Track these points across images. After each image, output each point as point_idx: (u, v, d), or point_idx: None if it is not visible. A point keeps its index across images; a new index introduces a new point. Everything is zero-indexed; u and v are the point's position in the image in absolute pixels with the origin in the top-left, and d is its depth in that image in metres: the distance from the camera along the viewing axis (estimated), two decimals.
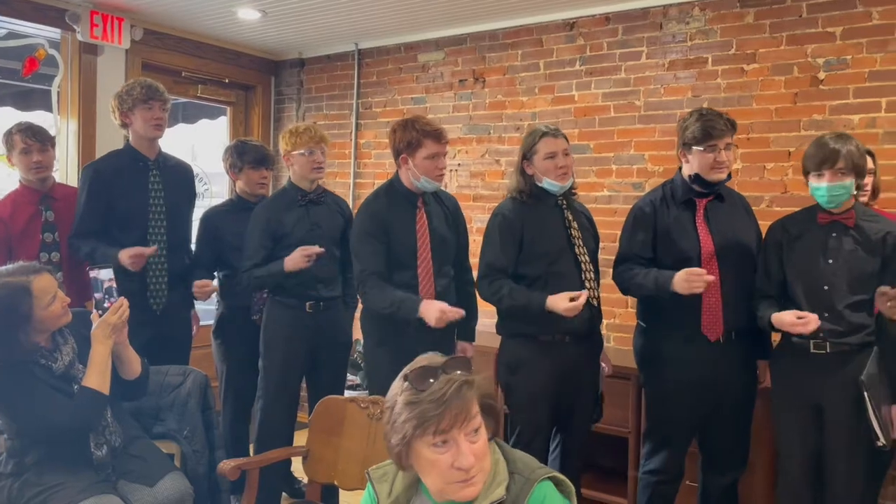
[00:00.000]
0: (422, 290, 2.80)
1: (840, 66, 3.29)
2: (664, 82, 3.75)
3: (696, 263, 2.63)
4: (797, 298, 2.49)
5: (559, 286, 2.66)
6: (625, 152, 3.89)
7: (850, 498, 2.49)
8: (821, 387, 2.45)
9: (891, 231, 2.47)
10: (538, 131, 2.77)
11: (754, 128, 3.50)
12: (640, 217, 2.75)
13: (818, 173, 2.44)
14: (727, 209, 2.74)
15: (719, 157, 2.62)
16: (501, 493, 1.29)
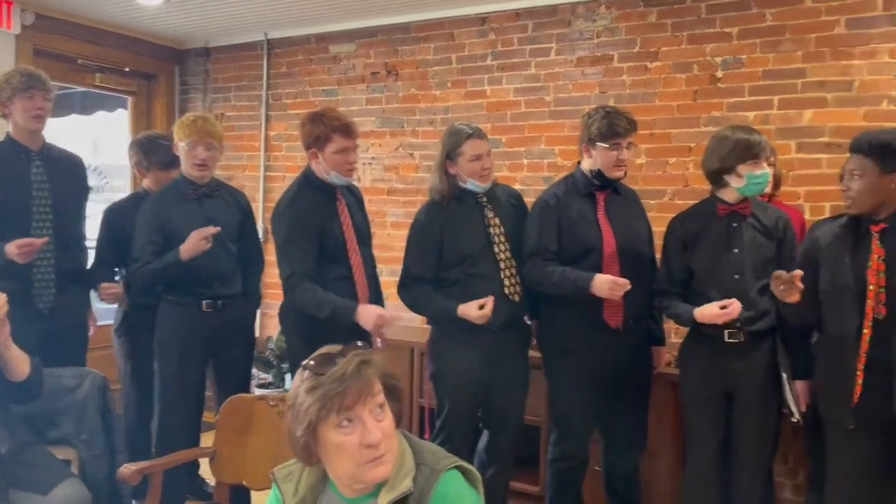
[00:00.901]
0: (357, 283, 2.78)
1: (736, 66, 3.45)
2: (572, 78, 3.83)
3: (599, 254, 2.73)
4: (708, 291, 2.57)
5: (478, 287, 2.73)
6: (536, 147, 3.95)
7: (758, 478, 2.62)
8: (732, 374, 2.55)
9: (781, 216, 2.63)
10: (463, 132, 2.77)
11: (657, 124, 3.62)
12: (546, 210, 2.80)
13: (755, 162, 2.53)
14: (623, 202, 2.85)
15: (622, 155, 2.72)
16: (408, 486, 1.29)
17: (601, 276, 2.61)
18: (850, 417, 2.26)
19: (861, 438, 2.28)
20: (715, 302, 2.48)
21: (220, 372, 3.11)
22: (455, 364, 2.78)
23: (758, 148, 2.51)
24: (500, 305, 2.71)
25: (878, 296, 2.21)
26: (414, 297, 2.82)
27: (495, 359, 2.79)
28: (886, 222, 2.23)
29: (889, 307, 2.20)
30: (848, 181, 2.27)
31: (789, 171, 3.29)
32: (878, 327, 2.21)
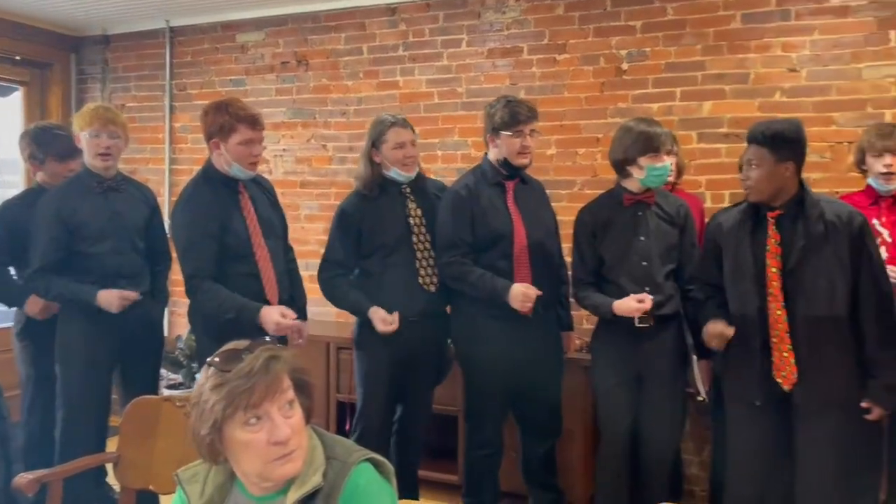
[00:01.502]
0: (264, 279, 2.72)
1: (640, 58, 3.55)
2: (484, 70, 3.86)
3: (510, 242, 2.79)
4: (618, 278, 2.64)
5: (393, 277, 2.79)
6: (449, 138, 3.96)
7: (667, 457, 2.72)
8: (643, 357, 2.63)
9: (682, 204, 2.74)
10: (387, 121, 2.82)
11: (566, 115, 3.69)
12: (458, 201, 2.83)
13: (655, 155, 2.60)
14: (530, 192, 2.92)
15: (525, 142, 2.77)
16: (318, 481, 1.26)
17: (517, 286, 2.68)
18: (754, 394, 2.37)
19: (761, 416, 2.38)
20: (632, 296, 2.56)
21: (127, 374, 2.98)
22: (373, 355, 2.82)
23: (658, 141, 2.59)
24: (415, 295, 2.75)
25: (778, 277, 2.31)
26: (330, 285, 2.86)
27: (414, 350, 2.81)
28: (782, 209, 2.34)
29: (786, 288, 2.31)
30: (746, 170, 2.36)
31: (691, 161, 3.41)
32: (778, 308, 2.31)
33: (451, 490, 3.34)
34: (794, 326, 2.29)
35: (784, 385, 2.32)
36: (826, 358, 2.28)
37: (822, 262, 2.28)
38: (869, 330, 2.28)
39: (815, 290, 2.27)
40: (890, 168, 2.71)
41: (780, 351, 2.32)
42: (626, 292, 2.60)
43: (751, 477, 2.43)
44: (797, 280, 2.29)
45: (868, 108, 3.19)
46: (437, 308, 2.89)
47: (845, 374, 2.30)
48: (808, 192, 2.34)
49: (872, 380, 2.28)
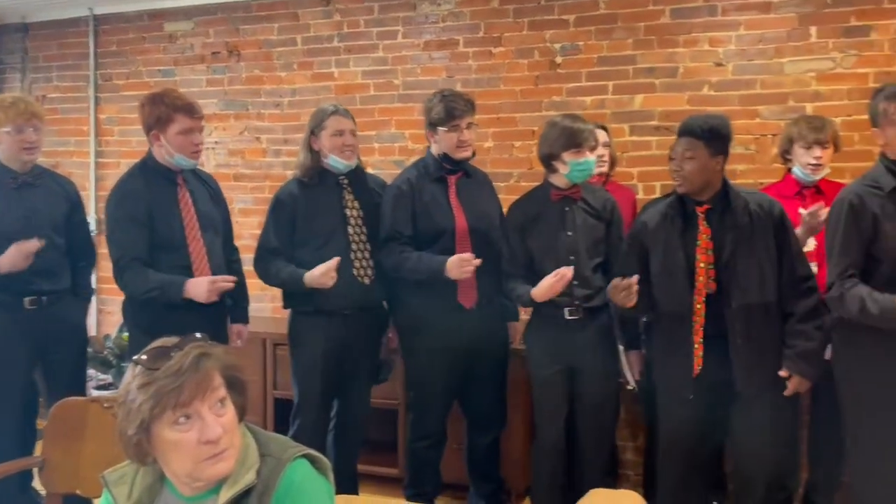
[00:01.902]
0: (196, 272, 2.66)
1: (574, 52, 3.60)
2: (420, 62, 3.85)
3: (451, 236, 2.79)
4: (546, 272, 2.64)
5: None
6: (386, 131, 3.94)
7: (602, 445, 2.77)
8: (574, 349, 2.67)
9: (608, 199, 2.78)
10: (327, 109, 2.82)
11: (503, 108, 3.71)
12: (399, 195, 2.83)
13: (578, 150, 2.62)
14: (474, 185, 2.92)
15: (462, 136, 2.78)
16: (252, 479, 1.24)
17: (452, 257, 2.66)
18: (688, 388, 2.43)
19: (692, 406, 2.44)
20: (550, 276, 2.56)
21: (50, 374, 2.87)
22: (308, 349, 2.79)
23: (580, 136, 2.62)
24: (349, 287, 2.72)
25: (707, 272, 2.38)
26: (264, 267, 2.82)
27: (349, 343, 2.79)
28: (710, 203, 2.40)
29: (719, 282, 2.37)
30: (680, 162, 2.40)
31: (623, 153, 3.48)
32: (710, 302, 2.38)
33: (392, 483, 3.34)
34: (731, 318, 2.36)
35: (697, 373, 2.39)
36: (761, 344, 2.37)
37: (751, 251, 2.36)
38: (794, 305, 2.38)
39: (748, 279, 2.35)
40: (819, 160, 2.81)
41: (703, 344, 2.39)
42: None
43: (680, 464, 2.51)
44: (731, 272, 2.36)
45: (790, 102, 3.31)
46: (373, 301, 2.87)
47: (777, 357, 2.38)
48: (730, 186, 2.42)
49: (789, 349, 2.36)
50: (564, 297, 2.64)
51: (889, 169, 2.26)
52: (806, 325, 2.36)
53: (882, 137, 2.27)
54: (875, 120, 2.29)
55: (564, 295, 2.63)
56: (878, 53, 3.19)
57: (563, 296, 2.63)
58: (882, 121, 2.25)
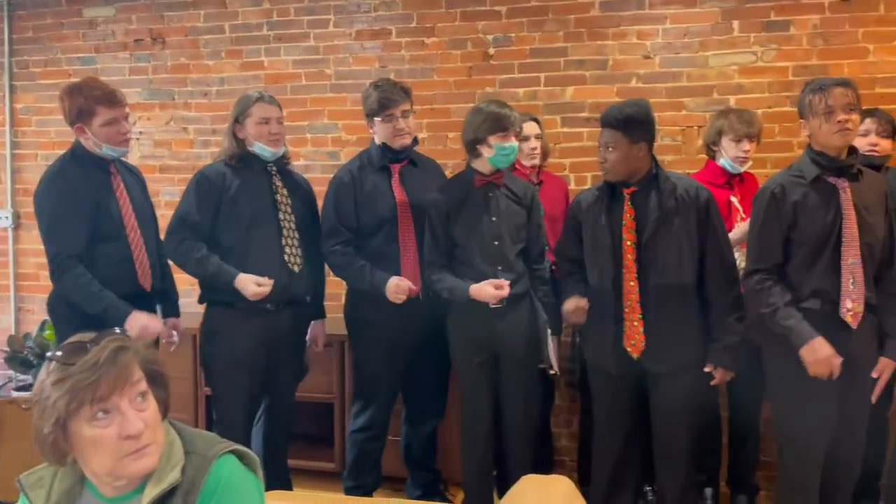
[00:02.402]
0: (137, 263, 2.60)
1: (506, 43, 3.61)
2: (352, 52, 3.80)
3: (393, 225, 2.80)
4: (471, 258, 2.69)
5: (256, 253, 2.67)
6: (319, 121, 3.88)
7: (527, 432, 2.78)
8: (497, 336, 2.68)
9: (528, 187, 2.81)
10: (252, 96, 2.75)
11: (436, 99, 3.71)
12: (341, 187, 2.82)
13: (504, 134, 2.64)
14: (420, 173, 2.90)
15: (398, 125, 2.78)
16: (176, 477, 1.20)
17: (391, 281, 2.69)
18: (610, 363, 2.50)
19: (618, 384, 2.52)
20: (490, 281, 2.59)
21: None
22: (229, 346, 2.68)
23: (507, 121, 2.64)
24: (279, 273, 2.66)
25: (633, 251, 2.45)
26: (178, 242, 2.66)
27: (275, 336, 2.72)
28: (637, 185, 2.47)
29: (642, 260, 2.45)
30: (603, 153, 2.48)
31: (556, 144, 3.52)
32: (632, 279, 2.45)
33: (328, 477, 3.31)
34: (645, 295, 2.43)
35: (633, 353, 2.46)
36: (675, 324, 2.44)
37: (672, 233, 2.43)
38: (714, 297, 2.46)
39: (666, 260, 2.43)
40: (748, 154, 2.91)
41: (630, 320, 2.45)
42: (479, 272, 2.64)
43: (613, 444, 2.57)
44: (650, 251, 2.43)
45: (715, 94, 3.41)
46: (302, 289, 2.80)
47: (692, 340, 2.47)
48: (661, 169, 2.48)
49: (714, 343, 2.45)
50: None
51: (813, 159, 2.36)
52: (729, 318, 2.45)
53: (807, 128, 2.36)
54: (802, 111, 2.38)
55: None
56: (796, 48, 3.31)
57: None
58: (808, 112, 2.34)
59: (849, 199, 2.30)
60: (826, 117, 2.27)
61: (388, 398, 2.92)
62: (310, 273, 2.81)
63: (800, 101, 2.39)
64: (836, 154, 2.32)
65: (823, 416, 2.33)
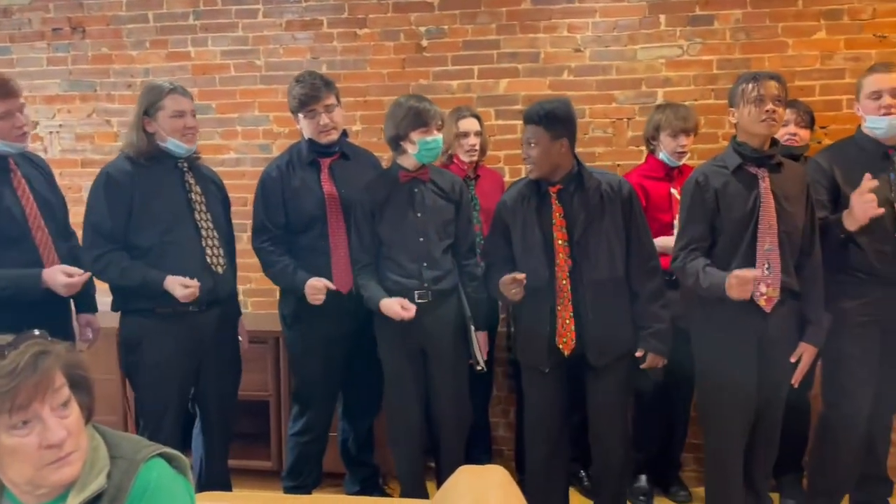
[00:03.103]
0: (46, 263, 2.45)
1: (439, 35, 3.61)
2: (283, 42, 3.73)
3: (322, 221, 2.74)
4: (396, 255, 2.67)
5: (177, 256, 2.54)
6: (249, 113, 3.80)
7: (460, 427, 2.79)
8: (423, 331, 2.67)
9: (456, 181, 2.79)
10: (163, 87, 2.58)
11: (370, 91, 3.67)
12: (269, 183, 2.76)
13: (425, 129, 2.63)
14: (353, 166, 2.85)
15: (322, 121, 2.72)
16: (101, 483, 1.16)
17: (308, 283, 2.64)
18: (543, 361, 2.53)
19: (550, 379, 2.55)
20: (397, 300, 2.58)
21: None
22: (158, 347, 2.56)
23: (427, 115, 2.62)
24: (202, 277, 2.56)
25: (564, 249, 2.48)
26: (106, 262, 2.51)
27: (202, 339, 2.61)
28: (562, 183, 2.50)
29: (573, 258, 2.48)
30: (526, 149, 2.49)
31: (491, 137, 3.53)
32: (565, 276, 2.48)
33: (267, 476, 3.26)
34: (579, 292, 2.47)
35: (564, 350, 2.49)
36: (611, 317, 2.49)
37: (602, 229, 2.47)
38: (639, 287, 2.52)
39: (598, 255, 2.47)
40: (684, 148, 3.00)
41: (563, 318, 2.48)
42: (404, 269, 2.64)
43: (545, 437, 2.60)
44: (583, 248, 2.47)
45: (643, 87, 3.48)
46: (228, 289, 2.72)
47: (628, 331, 2.53)
48: (583, 166, 2.52)
49: (644, 330, 2.51)
50: (413, 279, 2.66)
51: (736, 150, 2.44)
52: (654, 306, 2.51)
53: (736, 116, 2.44)
54: (732, 100, 2.46)
55: (413, 278, 2.65)
56: (720, 42, 3.41)
57: (411, 278, 2.65)
58: (739, 100, 2.41)
59: (767, 188, 2.39)
60: (756, 105, 2.35)
61: (328, 399, 2.89)
62: (232, 272, 2.74)
63: (731, 91, 2.47)
64: (758, 145, 2.41)
65: (744, 395, 2.41)
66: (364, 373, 2.90)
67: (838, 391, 2.59)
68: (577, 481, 3.24)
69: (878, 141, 2.56)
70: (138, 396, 2.69)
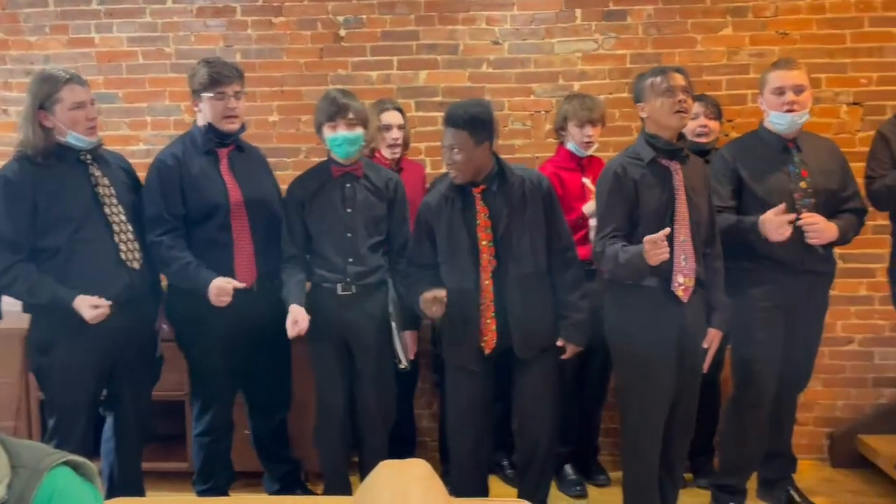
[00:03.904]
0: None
1: (357, 25, 3.56)
2: (194, 30, 3.60)
3: (224, 212, 2.65)
4: (323, 249, 2.64)
5: (88, 255, 2.42)
6: (159, 102, 3.66)
7: (383, 422, 2.78)
8: (347, 324, 2.66)
9: (391, 177, 2.77)
10: (59, 77, 2.41)
11: (287, 81, 3.59)
12: (165, 171, 2.64)
13: (333, 123, 2.59)
14: (247, 159, 2.78)
15: (230, 104, 2.63)
16: (2, 494, 1.09)
17: (214, 283, 2.54)
18: (469, 360, 2.55)
19: (474, 376, 2.57)
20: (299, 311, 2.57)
21: None
22: (64, 358, 2.44)
23: (333, 109, 2.58)
24: (116, 274, 2.46)
25: (489, 249, 2.50)
26: (13, 276, 2.38)
27: (117, 339, 2.49)
28: (485, 183, 2.51)
29: (499, 258, 2.50)
30: (450, 154, 2.47)
31: (412, 129, 3.51)
32: (492, 277, 2.50)
33: (183, 478, 3.15)
34: (504, 289, 2.49)
35: (486, 349, 2.53)
36: (535, 310, 2.53)
37: (524, 224, 2.50)
38: (559, 278, 2.58)
39: (522, 250, 2.50)
40: (591, 138, 3.04)
41: (485, 318, 2.51)
42: (330, 263, 2.62)
43: (469, 431, 2.62)
44: (507, 245, 2.49)
45: (560, 81, 3.54)
46: (145, 286, 2.60)
47: (550, 322, 2.57)
48: (503, 163, 2.54)
49: (564, 320, 2.57)
50: (338, 274, 2.63)
51: (648, 142, 2.50)
52: (573, 296, 2.57)
53: (645, 111, 2.49)
54: (640, 95, 2.50)
55: (338, 272, 2.63)
56: (633, 36, 3.50)
57: (335, 273, 2.63)
58: (648, 93, 2.46)
59: (681, 180, 2.46)
60: (667, 96, 2.41)
61: (227, 396, 2.80)
62: (150, 266, 2.62)
63: (637, 85, 2.52)
64: (669, 137, 2.47)
65: (664, 383, 2.48)
66: (266, 369, 2.83)
67: (746, 374, 2.71)
68: (500, 469, 3.28)
69: (780, 135, 2.68)
70: (48, 400, 2.54)
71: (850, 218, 2.70)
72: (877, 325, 3.46)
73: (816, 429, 3.51)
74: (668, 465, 2.62)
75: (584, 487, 3.14)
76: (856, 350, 3.49)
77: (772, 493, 2.98)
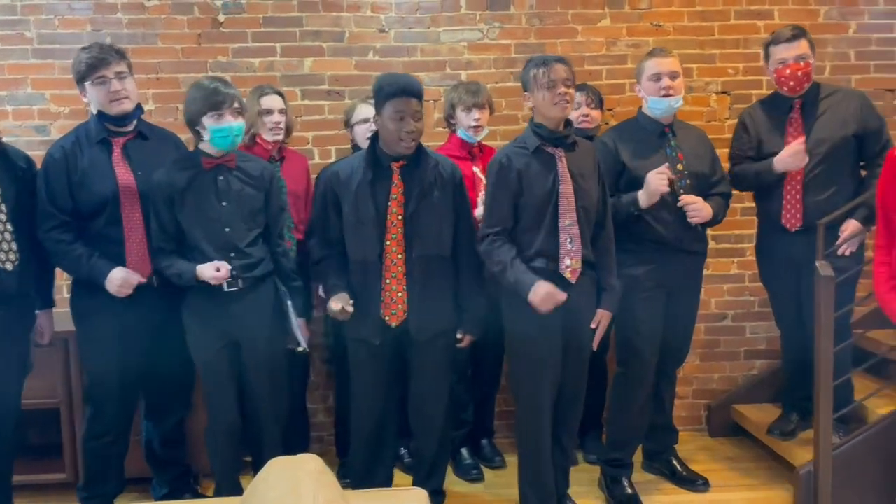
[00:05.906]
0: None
1: (237, 10, 3.43)
2: (58, 13, 3.37)
3: (115, 204, 2.54)
4: (200, 243, 2.54)
5: None
6: (21, 91, 3.41)
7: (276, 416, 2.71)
8: (236, 321, 2.57)
9: (266, 167, 2.69)
10: None
11: (162, 67, 3.43)
12: (52, 165, 2.53)
13: (218, 114, 2.49)
14: (151, 146, 2.66)
15: (112, 87, 2.53)
16: None
17: (115, 274, 2.48)
18: (373, 334, 2.55)
19: (379, 353, 2.58)
20: (213, 263, 2.49)
21: None
22: None
23: (217, 98, 2.48)
24: None
25: (399, 223, 2.50)
26: None
27: None
28: (406, 160, 2.52)
29: (407, 232, 2.51)
30: (411, 123, 2.47)
31: (298, 117, 3.44)
32: (399, 251, 2.51)
33: (59, 489, 2.98)
34: (409, 266, 2.51)
35: (391, 322, 2.53)
36: (436, 293, 2.57)
37: (434, 207, 2.53)
38: (463, 267, 2.63)
39: (429, 232, 2.53)
40: (479, 122, 3.07)
41: (395, 291, 2.52)
42: (210, 259, 2.52)
43: (372, 410, 2.63)
44: (415, 224, 2.51)
45: (447, 69, 3.55)
46: (15, 287, 2.45)
47: (449, 308, 2.62)
48: (422, 145, 2.56)
49: (464, 312, 2.63)
50: None
51: (534, 131, 2.55)
52: (473, 289, 2.63)
53: (531, 101, 2.54)
54: (526, 85, 2.55)
55: None
56: (516, 27, 3.55)
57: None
58: (532, 85, 2.50)
59: (565, 166, 2.53)
60: (549, 90, 2.46)
61: (125, 397, 2.67)
62: (30, 263, 2.48)
63: (523, 76, 2.57)
64: (554, 126, 2.53)
65: (551, 363, 2.55)
66: (166, 369, 2.72)
67: (629, 352, 2.83)
68: (399, 460, 3.28)
69: (657, 120, 2.81)
70: None
71: (719, 200, 2.86)
72: (748, 301, 3.69)
73: (695, 401, 3.72)
74: (560, 444, 2.70)
75: (480, 471, 3.19)
76: (729, 325, 3.71)
77: (656, 464, 3.13)
